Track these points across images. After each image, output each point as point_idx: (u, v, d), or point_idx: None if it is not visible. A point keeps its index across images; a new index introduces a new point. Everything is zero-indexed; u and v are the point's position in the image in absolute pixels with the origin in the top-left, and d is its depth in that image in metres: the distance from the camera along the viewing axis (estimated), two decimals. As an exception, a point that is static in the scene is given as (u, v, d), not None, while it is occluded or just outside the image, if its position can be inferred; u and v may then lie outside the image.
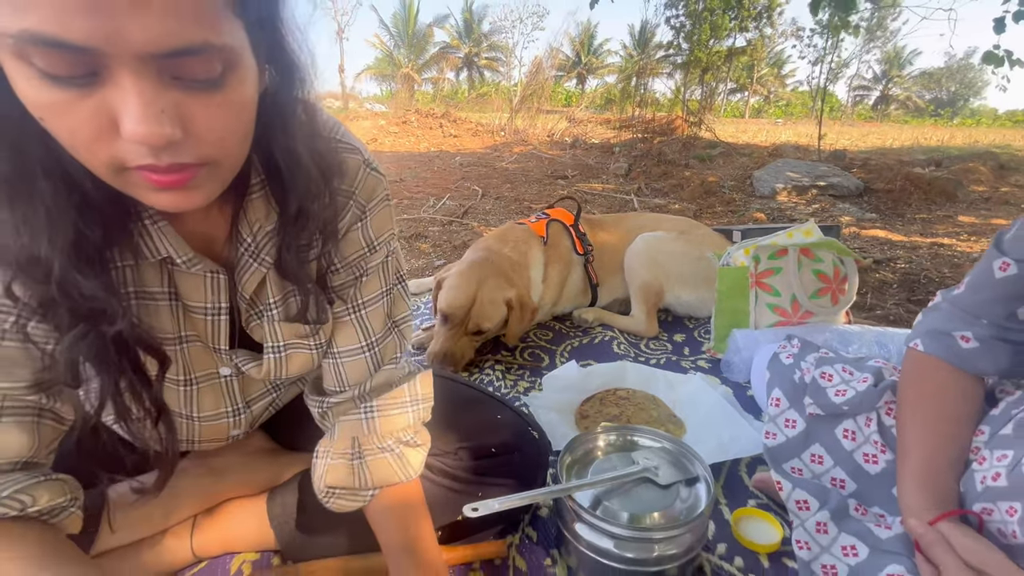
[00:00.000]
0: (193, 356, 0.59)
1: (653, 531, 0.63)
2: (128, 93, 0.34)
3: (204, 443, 0.67)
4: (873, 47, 31.24)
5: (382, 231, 0.62)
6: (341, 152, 0.56)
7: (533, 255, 1.49)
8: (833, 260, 1.16)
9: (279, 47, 0.44)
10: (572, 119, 8.57)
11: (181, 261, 0.50)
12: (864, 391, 0.77)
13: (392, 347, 0.66)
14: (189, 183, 0.40)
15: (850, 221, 3.03)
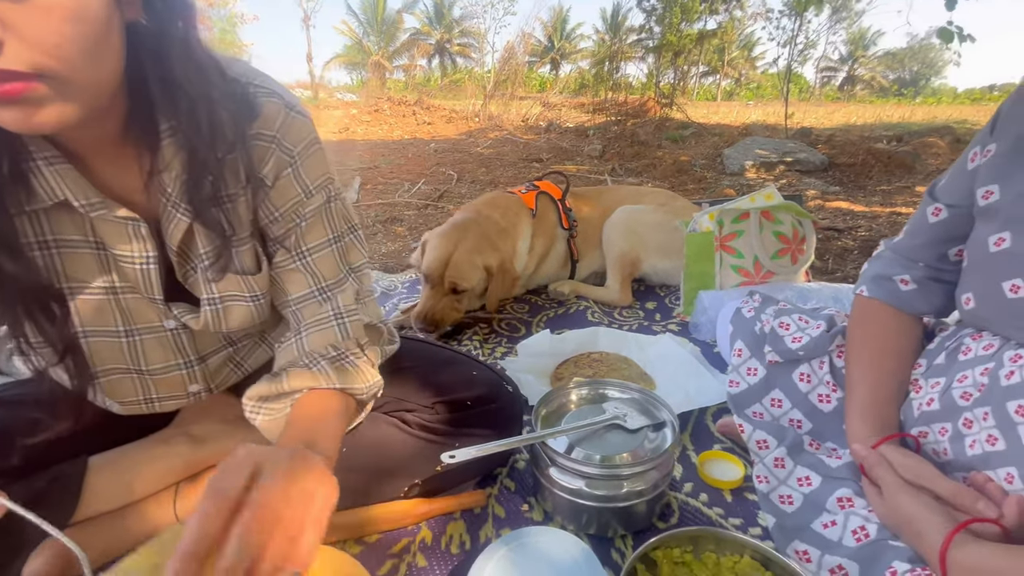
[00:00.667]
0: (133, 307, 0.59)
1: (621, 468, 0.67)
2: None
3: (164, 400, 0.67)
4: (839, 28, 31.81)
5: (316, 175, 0.61)
6: (257, 96, 0.55)
7: (522, 225, 1.50)
8: (792, 222, 1.22)
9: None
10: (546, 104, 8.55)
11: (79, 204, 0.49)
12: (818, 336, 0.82)
13: (351, 293, 0.66)
14: (25, 94, 0.38)
15: (815, 194, 3.13)
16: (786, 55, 6.54)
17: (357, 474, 0.71)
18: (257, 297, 0.62)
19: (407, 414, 0.74)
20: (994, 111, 0.67)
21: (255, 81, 0.56)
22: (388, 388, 0.76)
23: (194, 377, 0.66)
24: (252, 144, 0.55)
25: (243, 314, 0.62)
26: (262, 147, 0.56)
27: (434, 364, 0.81)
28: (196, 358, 0.65)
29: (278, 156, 0.58)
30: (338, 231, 0.65)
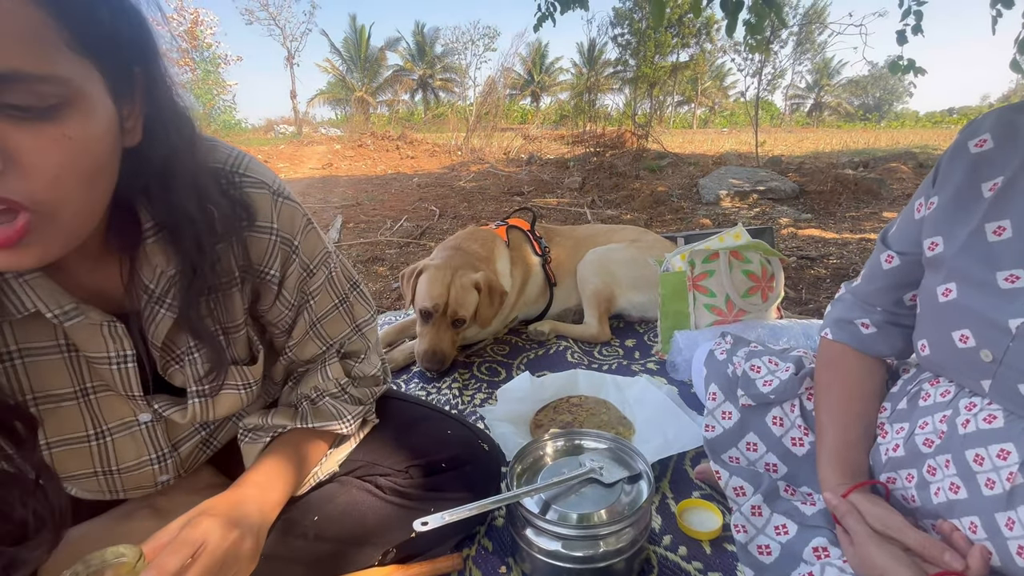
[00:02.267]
0: (104, 406, 0.57)
1: (598, 528, 0.66)
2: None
3: (131, 491, 0.66)
4: (804, 59, 33.40)
5: (315, 254, 0.65)
6: (246, 188, 0.56)
7: (499, 250, 1.58)
8: (760, 260, 1.25)
9: (156, 97, 0.45)
10: (527, 136, 8.77)
11: (52, 315, 0.48)
12: (787, 380, 0.84)
13: (358, 346, 0.73)
14: (21, 241, 0.37)
15: (788, 222, 3.22)
16: (755, 85, 6.84)
17: (330, 543, 0.69)
18: (250, 385, 0.63)
19: (380, 478, 0.73)
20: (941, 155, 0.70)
21: (240, 170, 0.56)
22: (360, 451, 0.75)
23: (165, 469, 0.65)
24: (248, 236, 0.56)
25: (232, 402, 0.62)
26: (262, 240, 0.57)
27: (407, 423, 0.80)
28: (168, 449, 0.64)
29: (282, 249, 0.59)
30: (342, 294, 0.70)
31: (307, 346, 0.69)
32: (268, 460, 0.64)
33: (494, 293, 1.41)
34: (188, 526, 0.51)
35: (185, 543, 0.49)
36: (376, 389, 0.78)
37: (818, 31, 18.02)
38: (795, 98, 38.45)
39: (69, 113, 0.37)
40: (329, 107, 29.94)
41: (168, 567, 0.46)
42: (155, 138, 0.46)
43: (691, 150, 7.75)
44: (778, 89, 30.66)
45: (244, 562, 0.54)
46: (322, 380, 0.70)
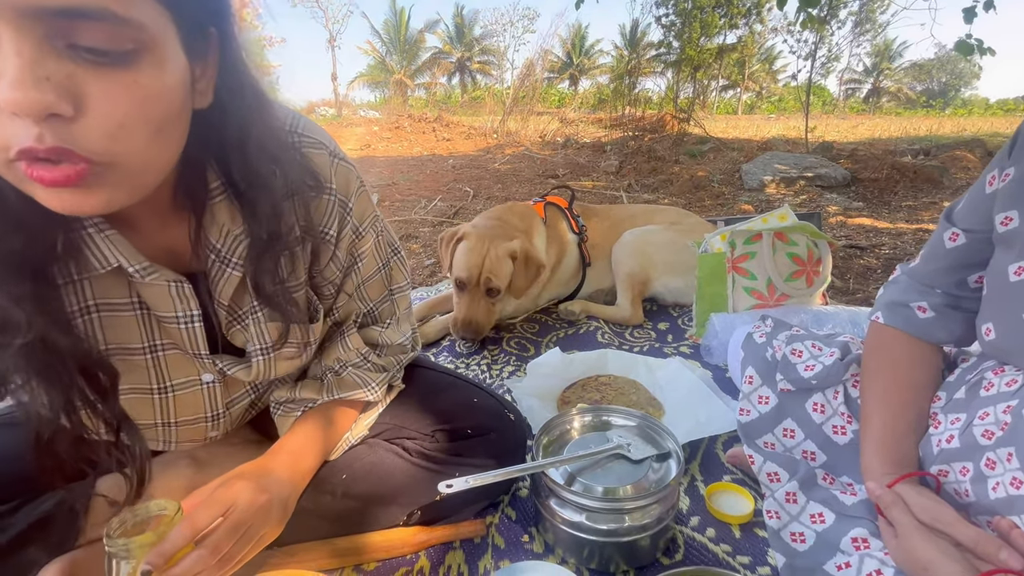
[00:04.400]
0: (171, 363, 0.59)
1: (623, 502, 0.65)
2: (5, 53, 0.32)
3: (182, 444, 0.69)
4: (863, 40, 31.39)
5: (367, 216, 0.66)
6: (304, 148, 0.57)
7: (537, 226, 1.57)
8: (807, 243, 1.19)
9: (230, 59, 0.45)
10: (564, 119, 8.62)
11: (132, 270, 0.49)
12: (831, 365, 0.79)
13: (387, 311, 0.74)
14: (78, 182, 0.36)
15: (837, 210, 3.06)
16: (807, 68, 6.46)
17: (356, 501, 0.71)
18: (309, 344, 0.64)
19: (407, 441, 0.74)
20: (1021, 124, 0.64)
21: (298, 129, 0.57)
22: (388, 415, 0.76)
23: (216, 427, 0.68)
24: (310, 196, 0.57)
25: (292, 360, 0.64)
26: (323, 200, 0.58)
27: (434, 390, 0.81)
28: (223, 409, 0.66)
29: (338, 209, 0.60)
30: (385, 258, 0.71)
31: (350, 307, 0.71)
32: (300, 430, 0.66)
33: (530, 263, 1.41)
34: (222, 487, 0.54)
35: (217, 502, 0.51)
36: (402, 357, 0.78)
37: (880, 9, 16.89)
38: (851, 83, 36.24)
39: (143, 60, 0.37)
40: (368, 89, 30.25)
41: (200, 522, 0.49)
42: (227, 103, 0.46)
43: (735, 135, 7.44)
44: (832, 73, 28.92)
45: (271, 525, 0.56)
46: (343, 351, 0.71)
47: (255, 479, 0.56)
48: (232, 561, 0.51)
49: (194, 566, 0.46)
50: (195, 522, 0.48)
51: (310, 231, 0.59)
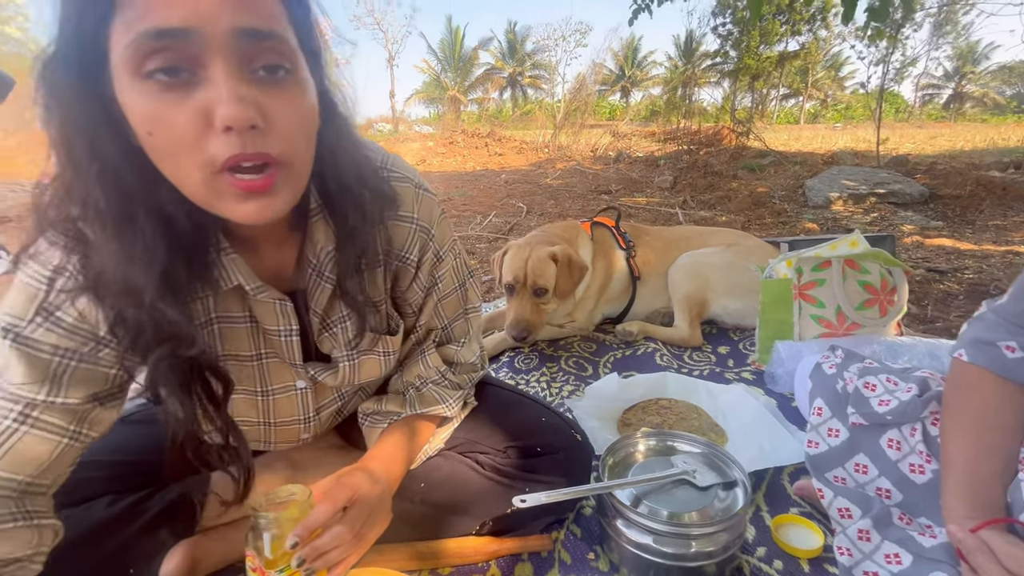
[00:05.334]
0: (271, 370, 0.67)
1: (690, 527, 0.67)
2: (219, 83, 0.41)
3: (278, 444, 0.78)
4: (943, 43, 29.21)
5: (447, 241, 0.73)
6: (392, 182, 0.65)
7: (582, 239, 1.65)
8: (880, 271, 1.15)
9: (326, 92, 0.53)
10: (616, 133, 8.59)
11: (249, 288, 0.58)
12: (908, 401, 0.78)
13: (461, 329, 0.80)
14: (271, 188, 0.45)
15: (912, 230, 2.88)
16: (879, 75, 6.10)
17: (432, 508, 0.77)
18: (389, 354, 0.72)
19: (480, 455, 0.79)
20: None
21: (388, 165, 0.65)
22: (462, 430, 0.82)
23: (308, 429, 0.76)
24: (393, 224, 0.64)
25: (374, 367, 0.71)
26: (404, 227, 0.66)
27: (504, 408, 0.86)
28: (313, 413, 0.74)
29: (420, 236, 0.68)
30: (461, 279, 0.78)
31: (431, 324, 0.77)
32: (388, 440, 0.73)
33: (573, 266, 1.48)
34: (343, 477, 0.62)
35: (347, 486, 0.59)
36: (474, 375, 0.84)
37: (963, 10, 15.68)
38: (928, 88, 33.75)
39: (295, 80, 0.46)
40: (423, 105, 31.41)
41: (337, 503, 0.57)
42: (328, 124, 0.54)
43: (797, 148, 7.14)
44: (907, 79, 27.03)
45: (383, 514, 0.63)
46: (423, 368, 0.78)
47: (368, 473, 0.64)
48: (361, 540, 0.59)
49: (334, 540, 0.55)
50: (335, 503, 0.56)
51: (391, 255, 0.67)
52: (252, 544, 0.57)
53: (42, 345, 0.51)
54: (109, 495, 0.71)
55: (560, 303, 1.52)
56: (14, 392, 0.50)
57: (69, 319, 0.51)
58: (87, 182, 0.45)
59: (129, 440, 0.76)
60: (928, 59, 27.50)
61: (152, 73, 0.41)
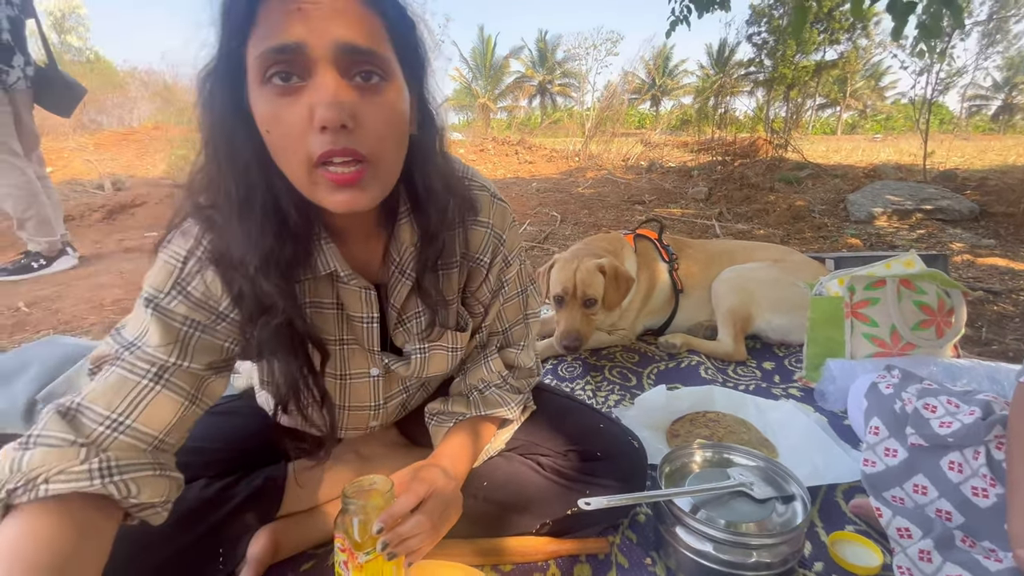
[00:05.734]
0: (350, 356, 0.73)
1: (751, 537, 0.69)
2: (322, 86, 0.48)
3: (349, 430, 0.83)
4: (993, 53, 27.95)
5: (514, 247, 0.78)
6: (473, 190, 0.70)
7: (626, 251, 1.68)
8: (937, 292, 1.14)
9: (423, 102, 0.59)
10: (647, 142, 8.55)
11: (344, 274, 0.64)
12: (971, 424, 0.78)
13: (520, 334, 0.85)
14: (359, 182, 0.51)
15: (963, 248, 2.79)
16: (923, 85, 5.88)
17: (494, 506, 0.81)
18: (456, 349, 0.77)
19: (541, 457, 0.83)
20: None
21: (468, 175, 0.71)
22: (522, 432, 0.86)
23: (376, 417, 0.81)
24: (470, 228, 0.70)
25: (441, 362, 0.76)
26: (480, 232, 0.72)
27: (563, 413, 0.90)
28: (382, 401, 0.80)
29: (493, 241, 0.73)
30: (524, 286, 0.82)
31: (494, 327, 0.82)
32: (453, 439, 0.78)
33: (620, 278, 1.51)
34: (421, 470, 0.67)
35: (425, 480, 0.64)
36: (531, 380, 0.88)
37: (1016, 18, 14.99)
38: (976, 99, 32.38)
39: (387, 87, 0.51)
40: (453, 112, 31.88)
41: (420, 492, 0.62)
42: (423, 133, 0.60)
43: (836, 160, 6.97)
44: (953, 89, 25.95)
45: (455, 507, 0.67)
46: (487, 372, 0.82)
47: (442, 469, 0.68)
48: (436, 531, 0.63)
49: (414, 528, 0.60)
50: (416, 494, 0.61)
51: (467, 257, 0.72)
52: (342, 528, 0.63)
53: (175, 315, 0.58)
54: (203, 479, 0.78)
55: (606, 314, 1.55)
56: (151, 354, 0.57)
57: (197, 293, 0.59)
58: (224, 175, 0.53)
59: (219, 429, 0.83)
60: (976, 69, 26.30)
61: (271, 78, 0.48)
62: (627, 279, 1.52)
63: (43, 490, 0.48)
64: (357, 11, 0.49)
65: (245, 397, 0.90)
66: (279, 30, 0.47)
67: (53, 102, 2.73)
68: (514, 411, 0.83)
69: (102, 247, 3.43)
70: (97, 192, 4.63)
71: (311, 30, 0.47)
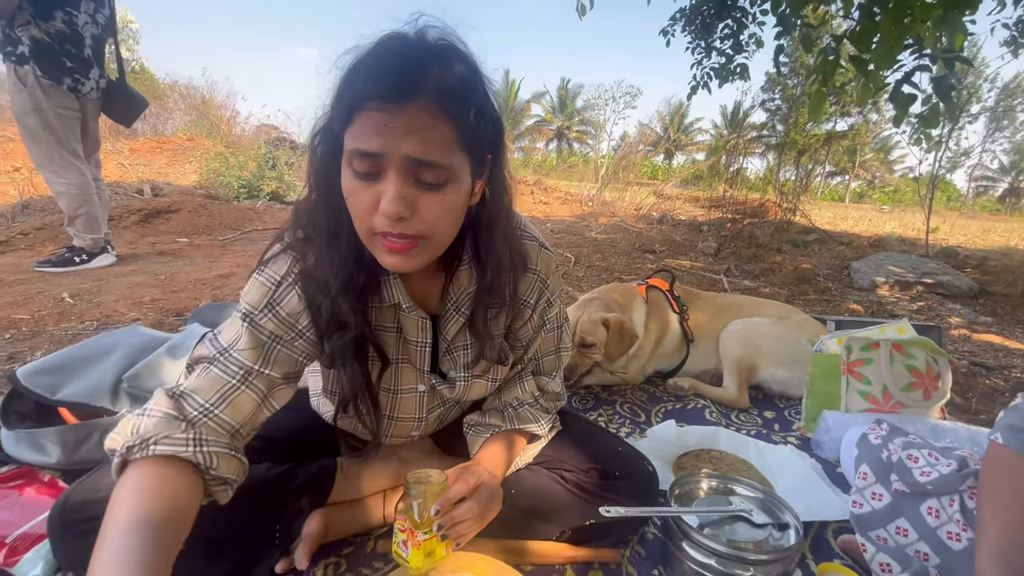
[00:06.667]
0: (403, 374, 0.85)
1: (749, 553, 0.78)
2: (390, 185, 0.58)
3: (394, 438, 0.94)
4: (1000, 137, 28.83)
5: (555, 290, 0.91)
6: (524, 240, 0.83)
7: (637, 303, 1.80)
8: (927, 358, 1.26)
9: (495, 176, 0.71)
10: (660, 194, 8.83)
11: (405, 306, 0.77)
12: (948, 474, 0.88)
13: (551, 364, 0.97)
14: (410, 252, 0.62)
15: (960, 323, 2.90)
16: (930, 162, 6.13)
17: (519, 512, 0.90)
18: (496, 380, 0.89)
19: (565, 472, 0.93)
20: None
21: (521, 226, 0.84)
22: (548, 449, 0.97)
23: (417, 428, 0.93)
24: (520, 275, 0.82)
25: (481, 389, 0.89)
26: (528, 278, 0.84)
27: (585, 434, 1.01)
28: (424, 415, 0.91)
29: (539, 285, 0.85)
30: (560, 322, 0.95)
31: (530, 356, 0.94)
32: (490, 448, 0.89)
33: (624, 333, 1.62)
34: (468, 467, 0.78)
35: (474, 473, 0.76)
36: (558, 403, 1.00)
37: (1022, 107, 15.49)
38: (983, 180, 33.13)
39: (450, 187, 0.61)
40: (473, 149, 32.80)
41: (470, 482, 0.73)
42: (488, 201, 0.72)
43: (843, 228, 7.19)
44: (960, 168, 26.60)
45: (497, 501, 0.79)
46: (521, 392, 0.94)
47: (485, 468, 0.79)
48: (483, 517, 0.74)
49: (466, 513, 0.71)
50: (467, 484, 0.73)
51: (515, 300, 0.84)
52: (403, 511, 0.73)
53: (264, 329, 0.71)
54: (267, 462, 0.89)
55: (610, 362, 1.66)
56: (240, 359, 0.69)
57: (283, 313, 0.71)
58: (319, 210, 0.67)
59: (284, 421, 0.94)
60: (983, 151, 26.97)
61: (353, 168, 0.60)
62: (631, 336, 1.63)
63: (152, 450, 0.60)
64: (430, 126, 0.57)
65: (304, 399, 1.02)
66: (365, 138, 0.57)
67: (118, 112, 2.97)
68: (543, 428, 0.94)
69: (136, 248, 3.61)
70: (136, 196, 4.85)
71: (387, 143, 0.56)
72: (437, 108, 0.58)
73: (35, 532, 0.80)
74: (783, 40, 2.76)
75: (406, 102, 0.56)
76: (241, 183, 5.51)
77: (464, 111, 0.60)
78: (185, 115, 9.91)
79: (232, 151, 6.33)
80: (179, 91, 10.19)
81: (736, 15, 3.95)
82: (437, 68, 0.58)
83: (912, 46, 2.17)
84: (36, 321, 2.05)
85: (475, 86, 0.62)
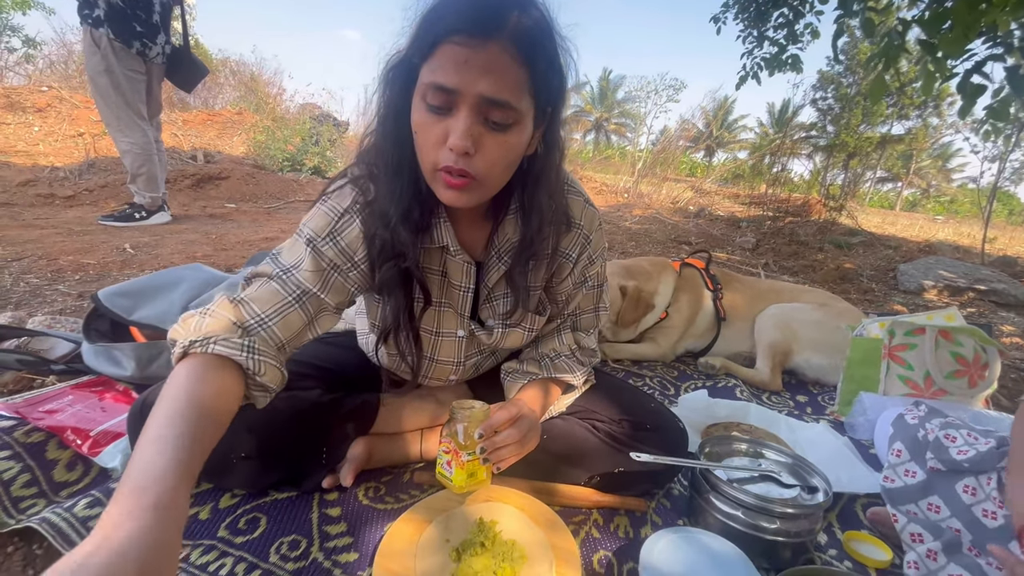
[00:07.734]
0: (445, 317, 0.89)
1: (776, 505, 0.80)
2: (460, 121, 0.60)
3: (432, 380, 0.99)
4: (1072, 148, 26.75)
5: (598, 248, 0.92)
6: (570, 195, 0.85)
7: (666, 275, 1.80)
8: (975, 346, 1.22)
9: (551, 130, 0.73)
10: (698, 189, 8.64)
11: (452, 249, 0.80)
12: (986, 451, 0.87)
13: (588, 322, 1.00)
14: (464, 188, 0.65)
15: (1013, 331, 2.77)
16: (993, 171, 5.79)
17: (550, 456, 0.94)
18: (532, 330, 0.91)
19: (597, 422, 0.96)
20: None
21: (568, 181, 0.86)
22: (582, 400, 1.00)
23: (455, 372, 0.97)
24: (563, 228, 0.84)
25: (517, 339, 0.91)
26: (572, 233, 0.86)
27: (618, 388, 1.03)
28: (462, 360, 0.95)
29: (581, 240, 0.87)
30: (600, 282, 0.97)
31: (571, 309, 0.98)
32: (527, 392, 0.93)
33: (640, 302, 1.65)
34: (510, 402, 0.81)
35: (516, 404, 0.80)
36: (593, 359, 1.02)
37: (1100, 117, 14.33)
38: (1050, 194, 30.89)
39: (514, 130, 0.64)
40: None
41: (511, 413, 0.77)
42: (541, 153, 0.75)
43: (891, 232, 6.88)
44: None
45: (535, 433, 0.82)
46: (558, 344, 0.97)
47: (525, 403, 0.83)
48: (522, 445, 0.79)
49: (507, 438, 0.75)
50: (509, 411, 0.77)
51: (557, 252, 0.87)
52: (448, 435, 0.78)
53: (324, 256, 0.75)
54: (319, 390, 0.95)
55: (622, 328, 1.69)
56: (300, 280, 0.74)
57: (343, 243, 0.75)
58: (386, 143, 0.70)
59: (330, 355, 1.02)
60: (1053, 163, 25.09)
61: (427, 101, 0.62)
62: (646, 305, 1.66)
63: (211, 348, 0.64)
64: (507, 67, 0.60)
65: (353, 338, 1.08)
66: (444, 71, 0.59)
67: (181, 78, 3.11)
68: (578, 379, 0.97)
69: (188, 210, 3.80)
70: (190, 162, 5.08)
71: (463, 80, 0.59)
72: (515, 50, 0.60)
73: (114, 430, 0.89)
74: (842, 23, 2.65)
75: (488, 40, 0.59)
76: (285, 156, 5.69)
77: (537, 58, 0.62)
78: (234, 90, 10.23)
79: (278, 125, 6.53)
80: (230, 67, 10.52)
81: (793, 3, 3.80)
82: (517, 12, 0.61)
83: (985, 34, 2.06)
84: (102, 267, 2.20)
85: (549, 35, 0.65)
